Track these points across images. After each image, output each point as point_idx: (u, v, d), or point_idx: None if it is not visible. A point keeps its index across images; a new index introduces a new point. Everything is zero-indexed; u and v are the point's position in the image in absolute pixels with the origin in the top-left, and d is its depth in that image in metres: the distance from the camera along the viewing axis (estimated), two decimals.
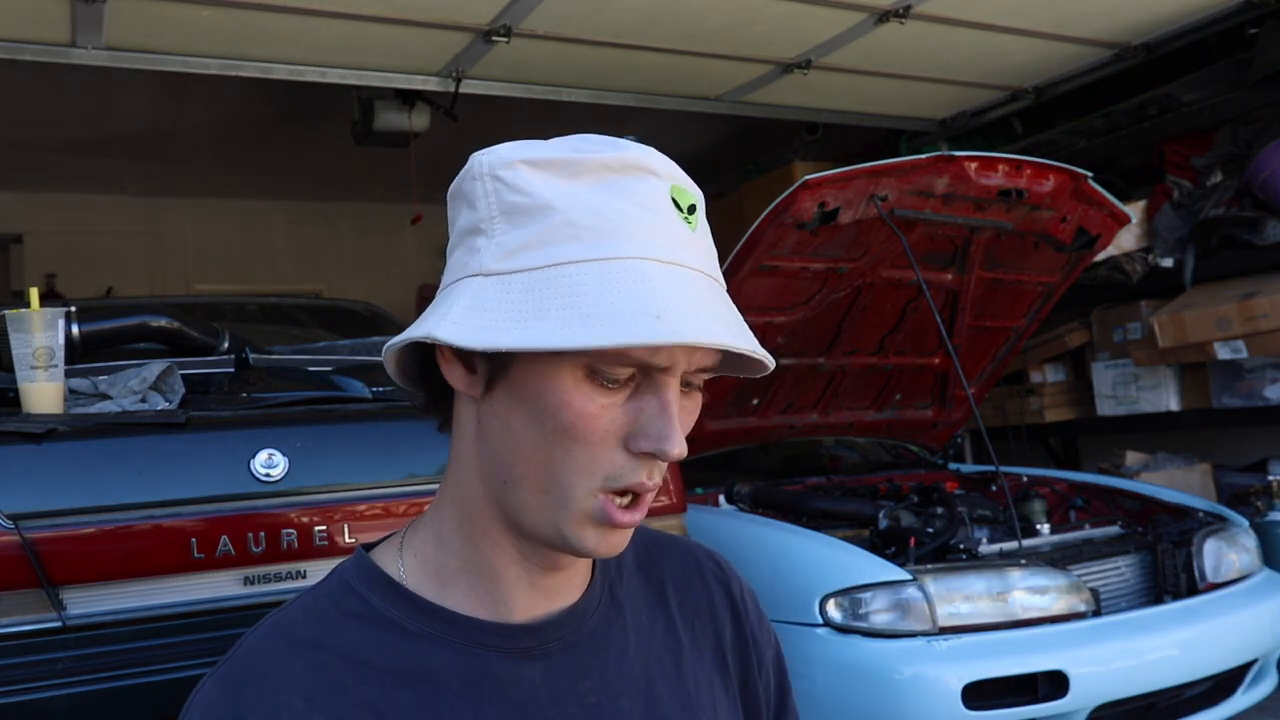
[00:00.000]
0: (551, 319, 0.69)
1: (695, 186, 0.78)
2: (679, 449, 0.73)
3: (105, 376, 2.01)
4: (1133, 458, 4.58)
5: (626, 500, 0.76)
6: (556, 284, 0.70)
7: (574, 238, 0.71)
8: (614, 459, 0.74)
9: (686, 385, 0.77)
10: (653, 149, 0.77)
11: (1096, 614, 2.64)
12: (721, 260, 2.73)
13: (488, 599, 0.81)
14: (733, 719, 0.92)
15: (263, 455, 1.83)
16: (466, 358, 0.76)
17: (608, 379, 0.73)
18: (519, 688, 0.79)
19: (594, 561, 0.88)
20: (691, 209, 0.76)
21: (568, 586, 0.84)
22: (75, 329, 2.09)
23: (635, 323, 0.68)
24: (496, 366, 0.75)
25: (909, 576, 2.55)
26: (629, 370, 0.73)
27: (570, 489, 0.74)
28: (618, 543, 0.77)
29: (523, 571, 0.81)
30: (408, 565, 0.82)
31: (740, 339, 0.72)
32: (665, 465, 0.76)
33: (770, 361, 0.76)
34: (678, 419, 0.74)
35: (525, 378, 0.74)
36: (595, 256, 0.71)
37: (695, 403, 0.78)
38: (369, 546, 0.86)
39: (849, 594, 2.54)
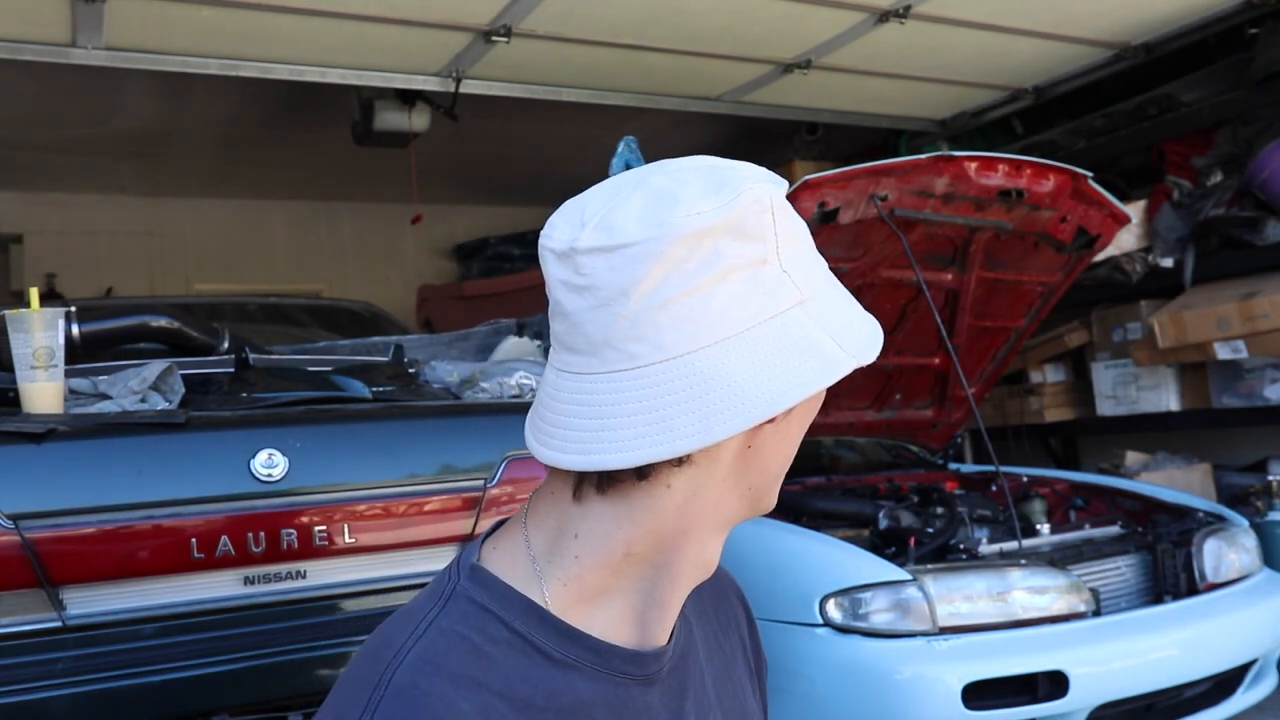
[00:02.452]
0: (858, 320, 0.80)
1: None
2: None
3: (105, 376, 2.01)
4: (1133, 458, 4.58)
5: None
6: (836, 291, 0.80)
7: (812, 249, 0.80)
8: None
9: None
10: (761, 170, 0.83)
11: (1096, 614, 2.64)
12: None
13: (638, 625, 0.80)
14: None
15: (263, 455, 1.83)
16: None
17: None
18: (649, 715, 0.80)
19: None
20: None
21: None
22: (75, 329, 2.09)
23: (877, 326, 0.82)
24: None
25: (909, 576, 2.55)
26: None
27: (786, 466, 0.82)
28: None
29: (693, 580, 0.82)
30: (553, 584, 0.78)
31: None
32: None
33: None
34: None
35: (777, 434, 0.79)
36: (825, 270, 0.81)
37: None
38: (472, 545, 0.85)
39: (849, 594, 2.54)
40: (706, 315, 0.72)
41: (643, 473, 0.74)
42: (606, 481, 0.76)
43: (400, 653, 0.74)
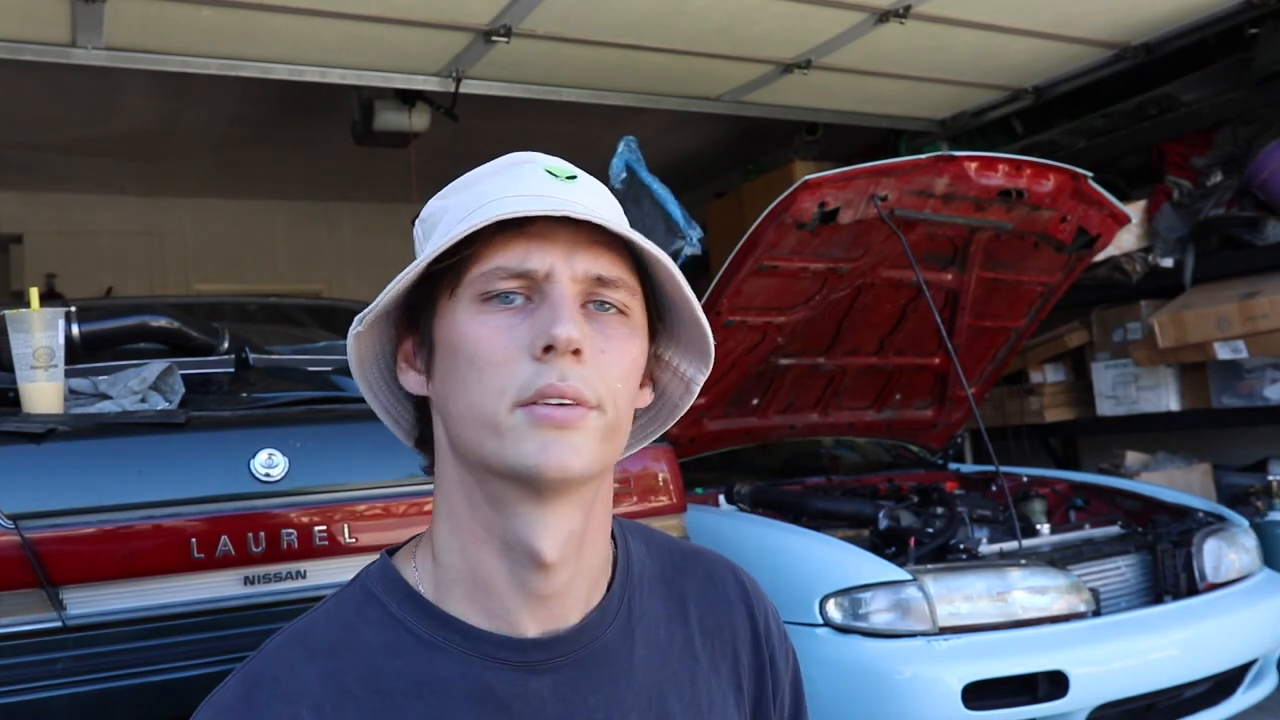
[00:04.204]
0: (426, 252, 0.80)
1: (575, 167, 0.87)
2: (565, 330, 0.74)
3: (105, 376, 2.01)
4: (1133, 458, 4.58)
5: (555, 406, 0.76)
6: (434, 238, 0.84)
7: (458, 220, 0.81)
8: (521, 370, 0.75)
9: (601, 306, 0.80)
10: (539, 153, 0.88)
11: (1096, 614, 2.64)
12: (721, 260, 2.73)
13: (485, 610, 0.81)
14: None
15: (263, 455, 1.83)
16: (413, 360, 0.85)
17: (500, 297, 0.77)
18: (525, 703, 0.79)
19: (612, 573, 0.88)
20: (570, 177, 0.85)
21: (569, 596, 0.82)
22: (75, 329, 2.09)
23: (471, 219, 0.78)
24: (427, 345, 0.82)
25: (909, 576, 2.55)
26: (514, 283, 0.78)
27: (495, 413, 0.75)
28: (562, 453, 0.75)
29: (512, 577, 0.80)
30: (421, 573, 0.84)
31: (565, 209, 0.76)
32: (585, 369, 0.76)
33: (653, 250, 0.79)
34: (568, 309, 0.76)
35: (443, 335, 0.80)
36: (463, 218, 0.81)
37: (615, 327, 0.80)
38: (394, 550, 0.88)
39: (849, 594, 2.54)
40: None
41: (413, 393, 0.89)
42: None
43: (286, 627, 0.84)
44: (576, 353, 0.75)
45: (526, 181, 0.83)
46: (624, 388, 0.79)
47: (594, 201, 0.83)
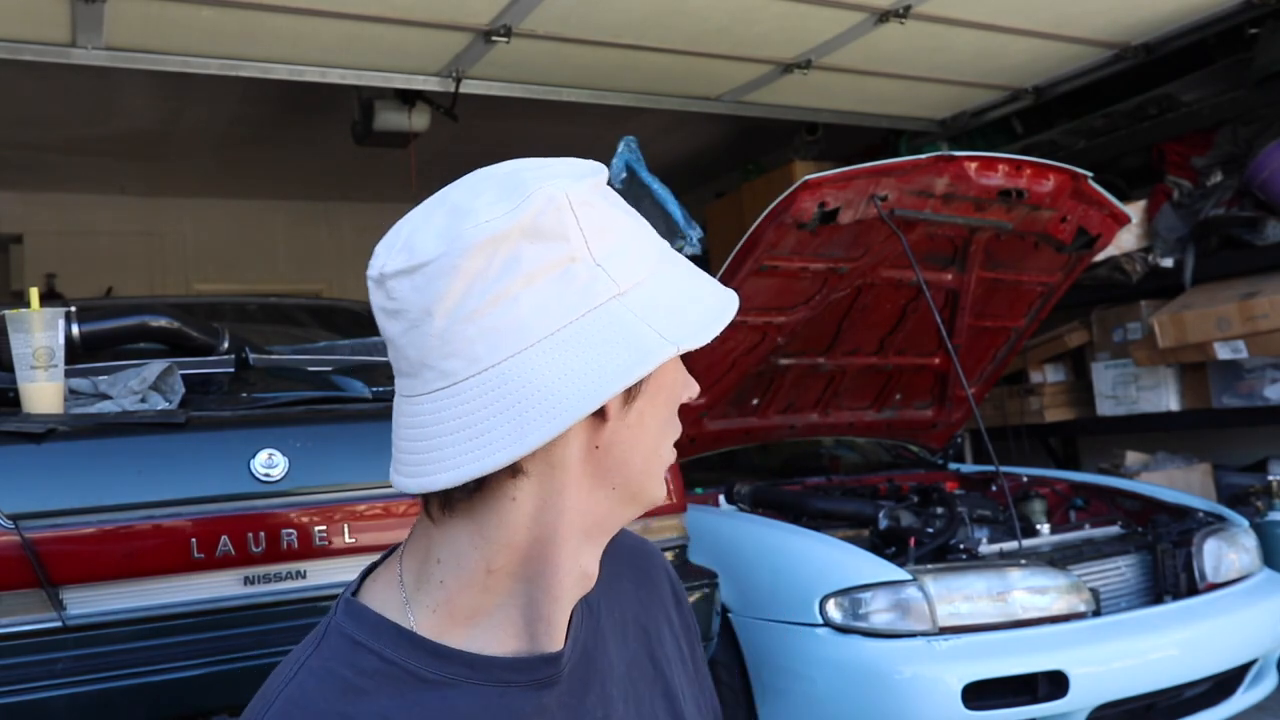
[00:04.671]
0: (703, 300, 0.78)
1: None
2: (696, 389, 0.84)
3: (105, 376, 2.01)
4: (1133, 458, 4.58)
5: None
6: (671, 280, 0.78)
7: (636, 241, 0.78)
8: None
9: None
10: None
11: (1096, 614, 2.64)
12: (721, 260, 2.73)
13: (524, 633, 0.80)
14: (695, 696, 0.95)
15: (263, 455, 1.83)
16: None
17: None
18: (544, 717, 0.79)
19: None
20: None
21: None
22: (75, 329, 2.09)
23: (730, 298, 0.80)
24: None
25: (909, 576, 2.55)
26: None
27: (666, 453, 0.81)
28: None
29: (572, 595, 0.81)
30: (421, 612, 0.79)
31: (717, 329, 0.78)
32: None
33: None
34: None
35: (662, 368, 0.77)
36: (657, 253, 0.79)
37: None
38: (357, 587, 0.84)
39: (849, 594, 2.55)
40: (514, 322, 0.71)
41: (480, 488, 0.74)
42: (449, 502, 0.76)
43: (270, 700, 0.75)
44: None
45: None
46: None
47: None
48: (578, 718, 0.81)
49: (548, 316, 0.71)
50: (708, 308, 0.78)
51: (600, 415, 0.74)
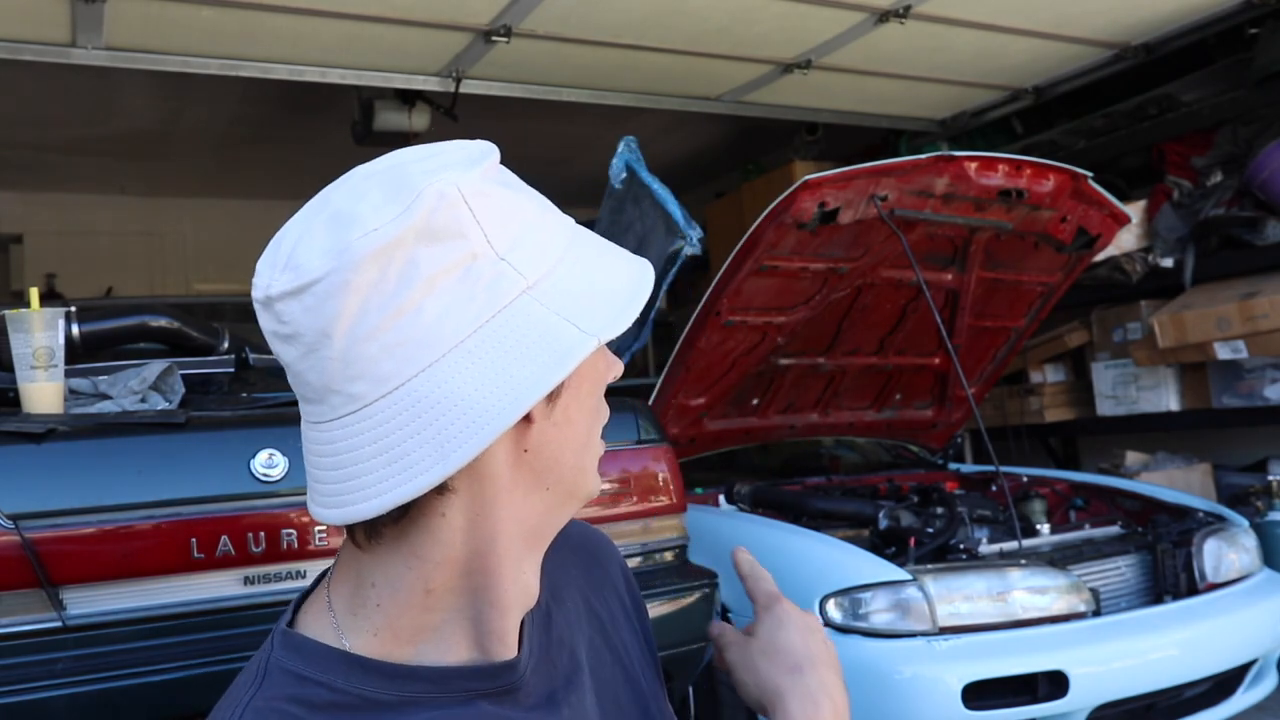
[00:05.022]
0: (617, 281, 0.73)
1: None
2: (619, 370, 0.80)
3: (105, 376, 2.01)
4: (1133, 458, 4.58)
5: None
6: (583, 262, 0.73)
7: (540, 227, 0.72)
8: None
9: None
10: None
11: (1096, 614, 2.64)
12: (721, 260, 2.73)
13: (475, 645, 0.76)
14: (652, 678, 0.94)
15: (263, 455, 1.83)
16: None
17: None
18: None
19: None
20: None
21: None
22: (75, 329, 2.09)
23: (645, 272, 0.76)
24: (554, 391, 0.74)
25: (909, 576, 2.55)
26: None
27: (597, 444, 0.78)
28: None
29: (518, 607, 0.77)
30: (360, 637, 0.74)
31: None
32: None
33: None
34: None
35: (570, 388, 0.74)
36: (566, 234, 0.74)
37: None
38: (287, 622, 0.79)
39: (849, 594, 2.54)
40: (420, 334, 0.66)
41: (407, 512, 0.70)
42: (375, 529, 0.71)
43: None
44: None
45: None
46: None
47: None
48: (549, 717, 0.78)
49: (455, 323, 0.66)
50: (622, 287, 0.73)
51: (525, 419, 0.70)
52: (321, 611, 0.76)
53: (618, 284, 0.74)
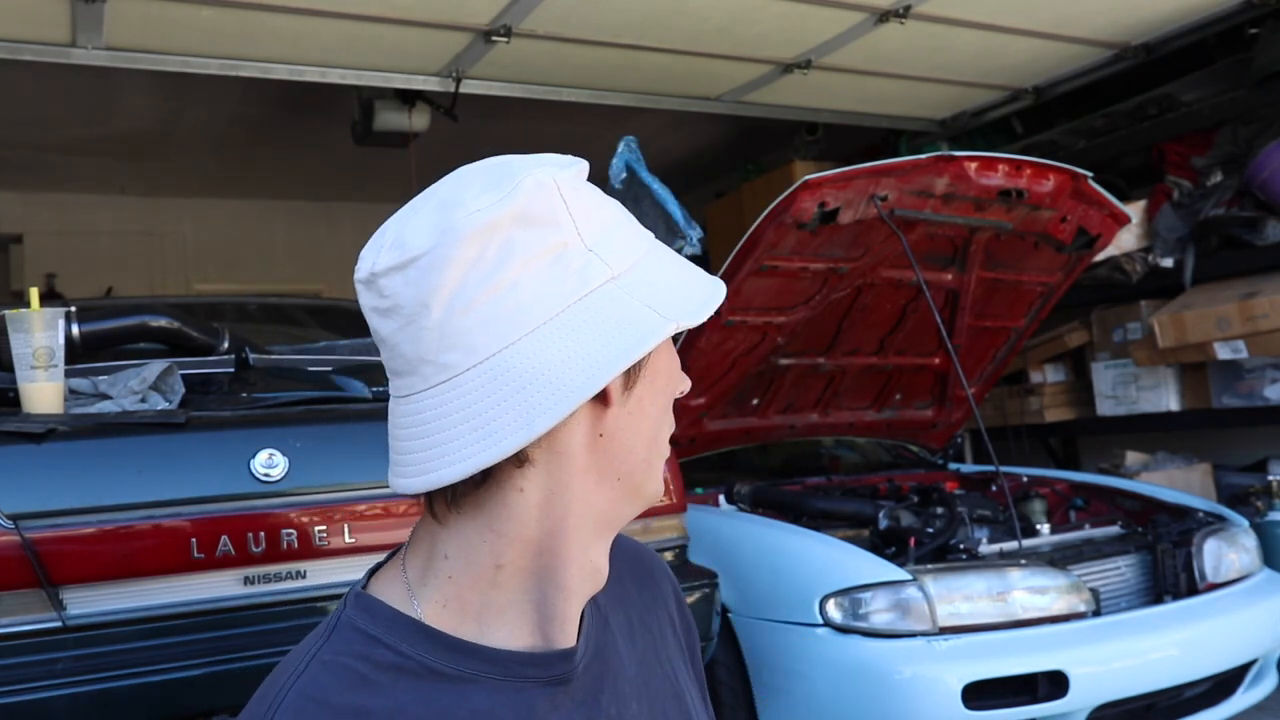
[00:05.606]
0: (692, 285, 0.79)
1: None
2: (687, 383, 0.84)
3: (105, 376, 2.01)
4: (1133, 458, 4.58)
5: None
6: (662, 265, 0.79)
7: (624, 229, 0.78)
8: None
9: None
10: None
11: (1096, 614, 2.64)
12: (721, 260, 2.73)
13: (537, 630, 0.79)
14: (698, 695, 0.95)
15: (263, 455, 1.83)
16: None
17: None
18: (559, 715, 0.78)
19: None
20: None
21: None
22: (75, 329, 2.09)
23: (719, 284, 0.80)
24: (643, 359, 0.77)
25: (909, 576, 2.55)
26: None
27: (664, 446, 0.82)
28: None
29: (581, 592, 0.81)
30: (429, 606, 0.77)
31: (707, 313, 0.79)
32: None
33: None
34: None
35: (658, 353, 0.78)
36: (646, 243, 0.80)
37: None
38: (365, 582, 0.83)
39: (849, 594, 2.54)
40: (512, 310, 0.71)
41: (485, 480, 0.74)
42: (455, 497, 0.75)
43: (281, 692, 0.73)
44: None
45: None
46: None
47: None
48: (594, 715, 0.80)
49: (546, 302, 0.71)
50: (700, 288, 0.79)
51: (603, 401, 0.74)
52: (395, 579, 0.80)
53: (693, 286, 0.79)
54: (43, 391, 1.84)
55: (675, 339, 0.80)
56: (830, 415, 3.77)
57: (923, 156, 3.01)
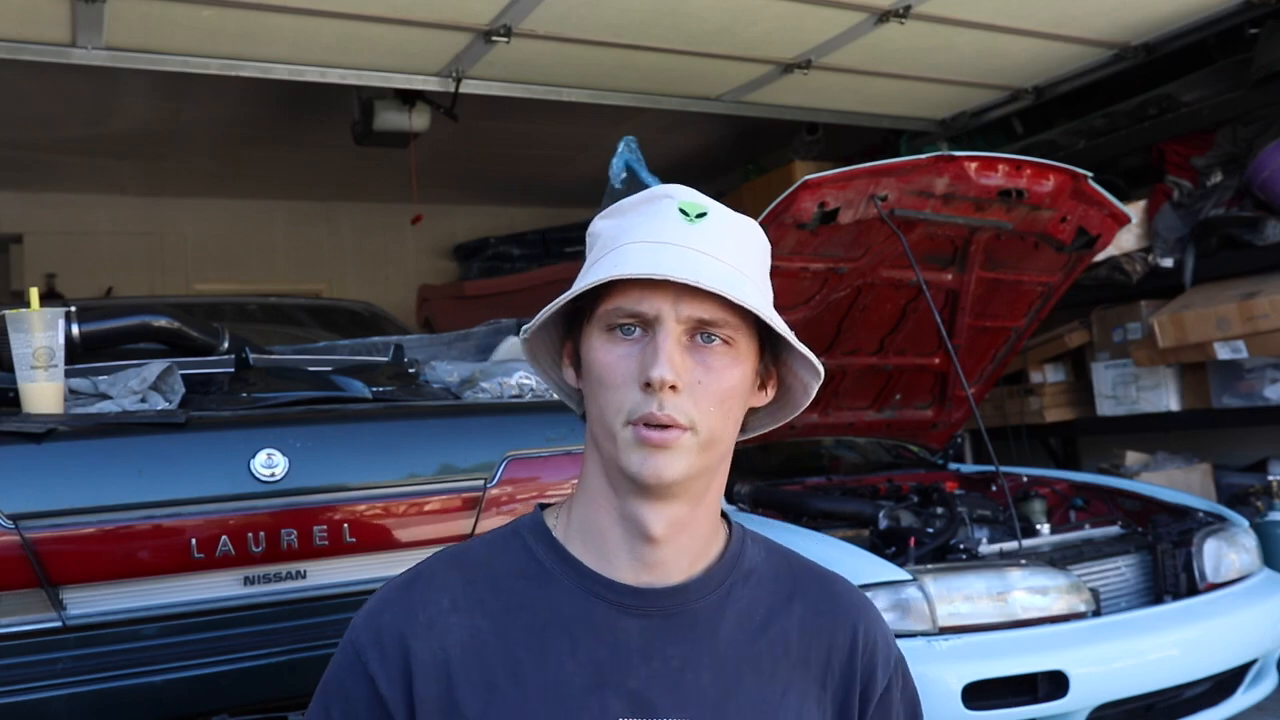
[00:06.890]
0: (575, 288, 0.97)
1: (708, 200, 1.00)
2: (659, 373, 0.92)
3: (105, 376, 2.01)
4: (1133, 458, 4.58)
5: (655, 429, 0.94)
6: (584, 274, 0.99)
7: (602, 248, 1.00)
8: (632, 397, 0.94)
9: (707, 338, 0.95)
10: (681, 186, 1.02)
11: (1096, 614, 2.64)
12: None
13: (599, 556, 1.00)
14: None
15: (263, 455, 1.83)
16: (571, 361, 1.03)
17: (621, 329, 0.95)
18: (614, 634, 0.97)
19: (719, 558, 1.03)
20: (700, 215, 0.98)
21: (672, 565, 0.99)
22: (75, 329, 2.09)
23: (603, 273, 0.94)
24: (577, 353, 1.01)
25: (909, 576, 2.55)
26: (630, 320, 0.95)
27: (612, 425, 0.95)
28: (658, 465, 0.93)
29: (624, 536, 0.99)
30: (559, 521, 1.04)
31: (697, 278, 0.90)
32: (680, 399, 0.93)
33: (747, 303, 0.92)
34: (666, 351, 0.92)
35: (585, 351, 0.98)
36: (607, 251, 0.99)
37: (717, 357, 0.95)
38: (545, 505, 1.08)
39: None
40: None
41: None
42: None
43: (446, 548, 1.05)
44: (673, 387, 0.92)
45: (659, 222, 0.98)
46: (719, 409, 0.95)
47: (714, 242, 0.97)
48: (651, 653, 0.96)
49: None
50: (646, 260, 0.94)
51: (587, 334, 0.98)
52: (566, 500, 1.08)
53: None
54: (43, 391, 1.84)
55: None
56: (830, 415, 3.77)
57: (923, 156, 3.01)
